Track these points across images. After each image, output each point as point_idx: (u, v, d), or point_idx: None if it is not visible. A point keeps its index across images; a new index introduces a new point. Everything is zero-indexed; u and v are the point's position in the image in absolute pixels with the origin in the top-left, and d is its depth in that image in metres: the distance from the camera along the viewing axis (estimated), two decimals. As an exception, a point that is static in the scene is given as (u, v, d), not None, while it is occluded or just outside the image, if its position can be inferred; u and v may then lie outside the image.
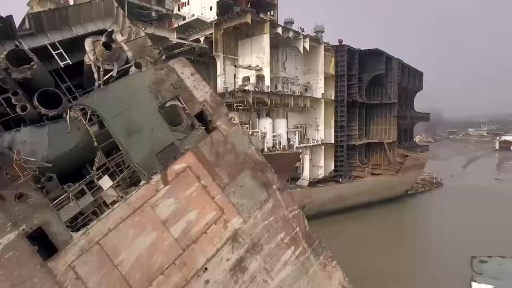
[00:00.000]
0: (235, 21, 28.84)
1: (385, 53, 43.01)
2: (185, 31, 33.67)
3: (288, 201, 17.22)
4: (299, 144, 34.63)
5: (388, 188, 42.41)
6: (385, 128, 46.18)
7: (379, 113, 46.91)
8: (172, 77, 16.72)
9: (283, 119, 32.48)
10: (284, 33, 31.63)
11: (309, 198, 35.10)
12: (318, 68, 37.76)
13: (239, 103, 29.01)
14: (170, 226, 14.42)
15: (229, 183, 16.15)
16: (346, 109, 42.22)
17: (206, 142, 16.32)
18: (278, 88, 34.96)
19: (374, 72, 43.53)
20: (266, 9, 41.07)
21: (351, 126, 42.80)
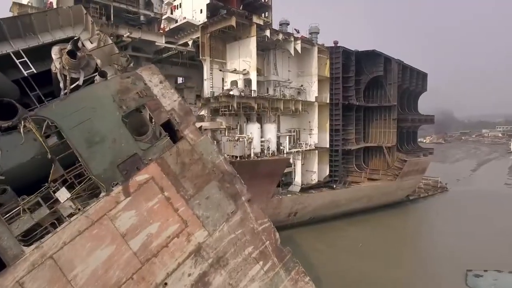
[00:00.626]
0: (220, 24, 28.49)
1: (383, 54, 41.94)
2: (176, 34, 33.53)
3: (258, 214, 16.80)
4: (290, 149, 34.01)
5: (386, 194, 41.37)
6: (385, 131, 45.06)
7: (378, 116, 45.83)
8: (139, 85, 16.49)
9: (273, 123, 31.95)
10: (272, 35, 31.09)
11: (301, 204, 34.50)
12: (312, 70, 37.06)
13: (225, 108, 28.65)
14: (129, 239, 14.15)
15: (194, 195, 15.83)
16: (342, 113, 41.37)
17: (172, 152, 16.04)
18: (270, 92, 34.44)
19: (372, 74, 42.49)
20: (260, 10, 40.54)
21: (348, 130, 41.92)
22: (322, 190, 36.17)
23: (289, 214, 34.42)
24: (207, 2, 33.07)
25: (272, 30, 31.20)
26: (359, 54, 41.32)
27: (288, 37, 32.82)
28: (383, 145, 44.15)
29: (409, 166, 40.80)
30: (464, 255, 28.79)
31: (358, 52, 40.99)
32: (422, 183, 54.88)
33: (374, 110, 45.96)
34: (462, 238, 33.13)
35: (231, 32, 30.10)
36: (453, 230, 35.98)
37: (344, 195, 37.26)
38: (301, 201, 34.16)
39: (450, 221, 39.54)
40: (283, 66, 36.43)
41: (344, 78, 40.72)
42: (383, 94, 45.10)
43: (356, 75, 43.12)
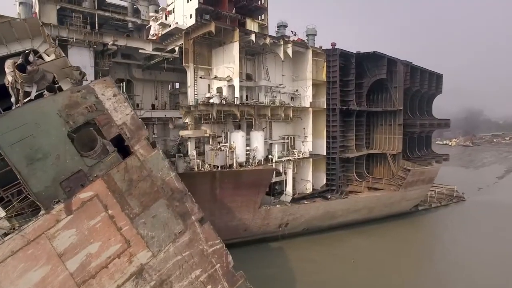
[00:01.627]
0: (201, 30, 27.96)
1: (386, 56, 39.71)
2: (166, 40, 33.44)
3: (209, 234, 16.05)
4: (280, 158, 32.87)
5: (388, 204, 39.11)
6: (389, 137, 42.68)
7: (383, 121, 43.51)
8: (89, 100, 16.22)
9: (260, 131, 30.98)
10: (259, 39, 30.14)
11: (292, 215, 33.27)
12: (306, 74, 35.68)
13: (205, 117, 28.09)
14: (67, 259, 13.84)
15: (140, 213, 15.34)
16: (342, 118, 39.64)
17: (120, 169, 15.64)
18: (260, 98, 33.52)
19: (375, 77, 40.33)
20: (256, 13, 39.69)
21: (347, 136, 40.08)
22: (315, 201, 34.67)
23: (280, 225, 33.29)
24: (196, 7, 32.61)
25: (258, 34, 30.27)
26: (360, 56, 39.38)
27: (277, 41, 31.73)
28: (387, 152, 41.81)
29: (413, 175, 38.30)
30: (467, 279, 26.39)
31: (359, 54, 39.07)
32: (435, 191, 51.54)
33: (379, 115, 43.70)
34: (470, 257, 30.49)
35: (214, 38, 29.50)
36: (460, 248, 33.27)
37: (340, 206, 35.56)
38: (292, 212, 32.91)
39: (459, 236, 36.71)
40: (276, 71, 35.38)
41: (343, 82, 38.99)
42: (388, 98, 42.74)
43: (358, 78, 41.16)
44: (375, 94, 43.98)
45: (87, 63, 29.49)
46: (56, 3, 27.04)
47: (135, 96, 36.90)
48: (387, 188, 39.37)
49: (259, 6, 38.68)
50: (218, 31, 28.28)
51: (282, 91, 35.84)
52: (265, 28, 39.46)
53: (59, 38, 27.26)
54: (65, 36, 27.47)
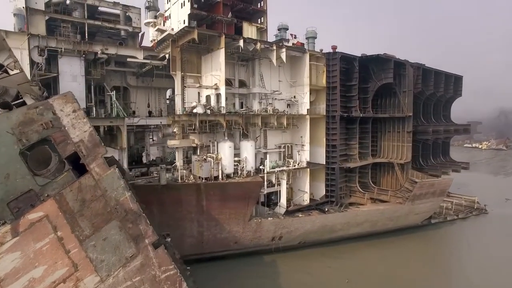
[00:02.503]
0: (185, 37, 27.26)
1: (393, 59, 37.24)
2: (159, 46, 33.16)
3: (163, 260, 15.20)
4: (273, 168, 31.53)
5: (394, 218, 36.57)
6: (398, 145, 40.03)
7: (390, 128, 40.91)
8: (46, 116, 15.88)
9: (249, 141, 29.80)
10: (248, 45, 29.01)
11: (286, 228, 31.87)
12: (303, 80, 34.09)
13: (190, 127, 27.37)
14: (7, 285, 13.43)
15: (91, 235, 14.77)
16: (345, 125, 37.64)
17: (73, 188, 15.18)
18: (254, 106, 32.38)
19: (381, 81, 37.93)
20: (255, 16, 38.63)
21: (350, 144, 37.97)
22: (311, 214, 32.98)
23: (273, 238, 31.98)
24: (188, 12, 32.06)
25: (248, 39, 29.16)
26: (364, 60, 37.18)
27: (269, 46, 30.43)
28: (394, 162, 39.19)
29: (421, 188, 35.54)
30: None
31: (363, 58, 36.88)
32: (452, 202, 47.85)
33: (386, 121, 41.18)
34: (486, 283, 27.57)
35: (201, 45, 28.71)
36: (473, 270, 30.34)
37: (339, 220, 33.63)
38: (285, 225, 31.49)
39: (474, 254, 33.56)
40: (271, 76, 34.09)
41: (346, 87, 37.01)
42: (396, 103, 40.11)
43: (364, 82, 38.97)
44: (382, 99, 41.48)
45: (78, 72, 29.77)
46: (44, 14, 27.43)
47: (131, 103, 36.97)
48: (393, 201, 36.85)
49: (257, 9, 37.57)
50: (203, 37, 27.46)
51: (278, 98, 34.48)
52: (264, 31, 38.32)
53: (48, 48, 27.57)
54: (53, 46, 27.75)
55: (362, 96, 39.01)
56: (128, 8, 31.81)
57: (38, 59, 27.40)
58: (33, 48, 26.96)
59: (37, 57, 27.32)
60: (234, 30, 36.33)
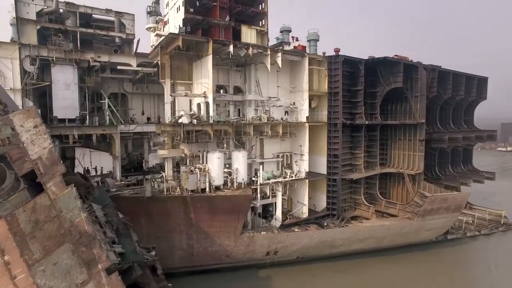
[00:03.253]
0: (172, 44, 26.29)
1: (402, 61, 34.44)
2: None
3: (116, 287, 14.07)
4: (266, 180, 29.93)
5: (402, 234, 33.77)
6: (409, 154, 37.08)
7: (401, 135, 37.99)
8: (4, 132, 15.37)
9: (240, 151, 28.39)
10: (239, 50, 27.61)
11: (281, 243, 30.24)
12: (303, 85, 32.20)
13: (177, 137, 26.38)
14: None
15: (41, 260, 14.05)
16: (350, 133, 35.36)
17: (26, 208, 14.55)
18: (250, 113, 30.98)
19: (389, 85, 35.22)
20: (255, 18, 37.16)
21: (355, 153, 35.57)
22: (308, 228, 31.05)
23: (267, 252, 30.44)
24: (183, 17, 31.22)
25: (239, 44, 27.76)
26: (371, 63, 34.62)
27: (263, 50, 28.87)
28: (404, 172, 36.28)
29: (432, 203, 32.50)
30: None
31: (369, 61, 34.32)
32: (475, 216, 43.79)
33: (397, 128, 38.28)
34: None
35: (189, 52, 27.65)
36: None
37: (339, 236, 31.45)
38: (280, 239, 29.84)
39: (502, 276, 30.17)
40: (269, 82, 32.51)
41: (352, 92, 34.70)
42: (407, 109, 37.16)
43: (371, 87, 36.42)
44: (393, 104, 38.66)
45: (71, 80, 29.71)
46: (36, 24, 27.54)
47: (129, 110, 36.71)
48: (402, 215, 34.07)
49: (257, 11, 36.07)
50: (190, 44, 26.39)
51: (277, 105, 32.82)
52: (265, 34, 36.75)
53: (39, 57, 27.63)
54: (45, 56, 27.78)
55: (370, 102, 36.47)
56: (122, 15, 31.43)
57: (30, 69, 27.52)
58: (24, 57, 27.10)
59: (28, 67, 27.45)
60: (232, 34, 35.10)
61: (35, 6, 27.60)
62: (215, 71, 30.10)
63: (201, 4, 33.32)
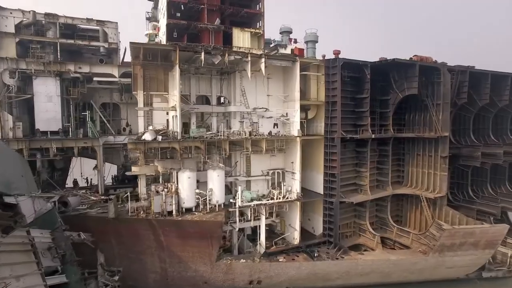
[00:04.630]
0: (138, 53, 24.19)
1: (418, 63, 28.92)
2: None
3: None
4: (248, 201, 26.71)
5: (414, 271, 28.28)
6: (429, 173, 31.27)
7: (420, 150, 32.23)
8: None
9: (216, 170, 25.48)
10: (213, 57, 24.71)
11: (264, 273, 26.88)
12: (294, 94, 28.38)
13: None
14: None
15: None
16: (354, 148, 30.80)
17: None
18: (233, 126, 28.11)
19: (403, 92, 29.88)
20: (251, 21, 34.08)
21: (361, 172, 30.74)
22: (297, 257, 27.18)
23: (250, 281, 27.25)
24: (166, 23, 29.31)
25: (214, 50, 24.86)
26: (380, 66, 29.59)
27: (242, 56, 25.66)
28: (422, 195, 30.53)
29: (452, 237, 26.58)
30: None
31: (376, 64, 29.31)
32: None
33: (416, 142, 32.53)
34: None
35: (157, 62, 25.43)
36: None
37: (333, 269, 27.11)
38: (262, 269, 26.55)
39: None
40: (257, 91, 29.25)
41: (356, 100, 30.07)
42: (427, 119, 31.31)
43: (383, 93, 31.35)
44: (410, 113, 32.92)
45: (53, 93, 29.29)
46: (15, 36, 27.39)
47: (121, 120, 35.75)
48: (416, 247, 28.62)
49: (252, 12, 32.89)
50: (155, 53, 24.16)
51: (267, 116, 29.43)
52: (260, 36, 33.49)
53: (19, 70, 27.43)
54: (24, 68, 27.52)
55: (380, 111, 31.35)
56: (104, 24, 30.36)
57: (9, 82, 27.44)
58: (3, 71, 27.04)
59: (8, 80, 27.38)
60: (222, 38, 32.44)
61: (14, 18, 27.43)
62: (195, 80, 27.68)
63: (187, 8, 31.11)
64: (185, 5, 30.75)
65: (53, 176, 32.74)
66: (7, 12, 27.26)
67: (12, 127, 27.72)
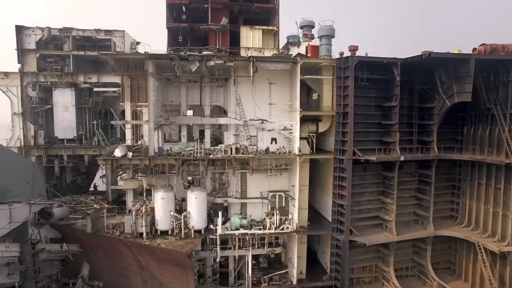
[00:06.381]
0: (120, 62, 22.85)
1: (472, 56, 20.37)
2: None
3: None
4: (235, 228, 23.06)
5: None
6: (495, 212, 22.27)
7: (483, 179, 23.19)
8: None
9: (193, 191, 22.45)
10: (191, 64, 21.64)
11: (249, 315, 23.04)
12: (296, 104, 23.36)
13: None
14: None
15: None
16: (381, 171, 24.09)
17: None
18: (227, 140, 24.94)
19: (451, 98, 21.71)
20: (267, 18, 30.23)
21: (386, 203, 23.76)
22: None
23: (236, 320, 23.84)
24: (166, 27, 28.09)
25: (192, 56, 21.83)
26: (413, 64, 21.94)
27: (225, 60, 21.94)
28: (480, 243, 21.78)
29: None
30: None
31: (409, 61, 21.74)
32: None
33: (478, 167, 23.54)
34: None
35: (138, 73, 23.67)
36: None
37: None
38: (244, 310, 22.72)
39: None
40: (258, 99, 25.06)
41: (383, 110, 23.23)
42: (495, 136, 22.16)
43: (424, 100, 23.61)
44: (471, 125, 23.96)
45: (69, 103, 31.01)
46: (36, 52, 29.54)
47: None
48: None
49: (264, 6, 28.93)
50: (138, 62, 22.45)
51: (268, 128, 25.17)
52: (275, 34, 29.32)
53: (39, 83, 29.68)
54: (42, 81, 29.61)
55: (419, 122, 23.65)
56: (111, 33, 30.47)
57: (32, 94, 29.89)
58: (26, 84, 29.55)
59: (31, 92, 29.86)
60: (229, 39, 29.40)
61: (35, 36, 29.61)
62: (184, 89, 25.27)
63: (191, 9, 28.97)
64: (187, 6, 28.69)
65: (76, 180, 35.09)
66: (30, 30, 29.68)
67: (34, 135, 30.26)
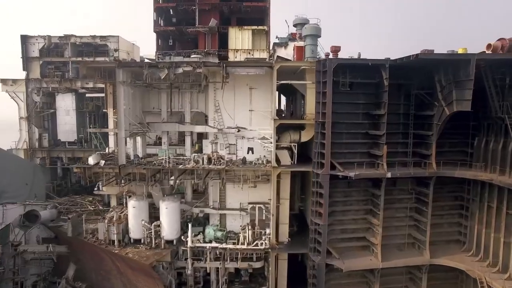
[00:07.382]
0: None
1: (474, 56, 16.89)
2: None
3: None
4: (201, 243, 22.12)
5: None
6: (506, 242, 18.68)
7: (494, 201, 19.52)
8: None
9: (164, 201, 21.77)
10: (160, 71, 20.79)
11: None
12: (271, 111, 21.58)
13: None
14: None
15: None
16: (370, 187, 21.45)
17: None
18: (205, 148, 24.06)
19: (450, 106, 18.42)
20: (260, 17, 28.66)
21: (373, 224, 21.10)
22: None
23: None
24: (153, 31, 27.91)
25: (160, 63, 21.05)
26: (405, 66, 18.88)
27: (195, 67, 20.78)
28: (483, 280, 18.34)
29: None
30: None
31: (398, 63, 18.71)
32: None
33: (489, 187, 19.83)
34: None
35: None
36: None
37: None
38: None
39: None
40: (238, 105, 23.69)
41: (371, 118, 20.53)
42: (509, 152, 18.41)
43: (422, 107, 20.43)
44: (482, 136, 20.23)
45: (70, 107, 32.33)
46: (39, 59, 31.02)
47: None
48: None
49: (253, 5, 27.39)
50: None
51: (248, 136, 23.72)
52: (267, 34, 27.72)
53: (42, 88, 31.27)
54: (45, 87, 31.14)
55: (416, 132, 20.53)
56: (106, 38, 30.89)
57: (36, 99, 31.59)
58: (31, 90, 31.29)
59: (35, 97, 31.56)
60: (217, 41, 28.30)
61: (38, 44, 31.10)
62: (164, 95, 24.70)
63: (179, 11, 28.30)
64: (175, 8, 28.07)
65: (81, 180, 36.62)
66: (34, 39, 31.25)
67: (38, 138, 32.01)
